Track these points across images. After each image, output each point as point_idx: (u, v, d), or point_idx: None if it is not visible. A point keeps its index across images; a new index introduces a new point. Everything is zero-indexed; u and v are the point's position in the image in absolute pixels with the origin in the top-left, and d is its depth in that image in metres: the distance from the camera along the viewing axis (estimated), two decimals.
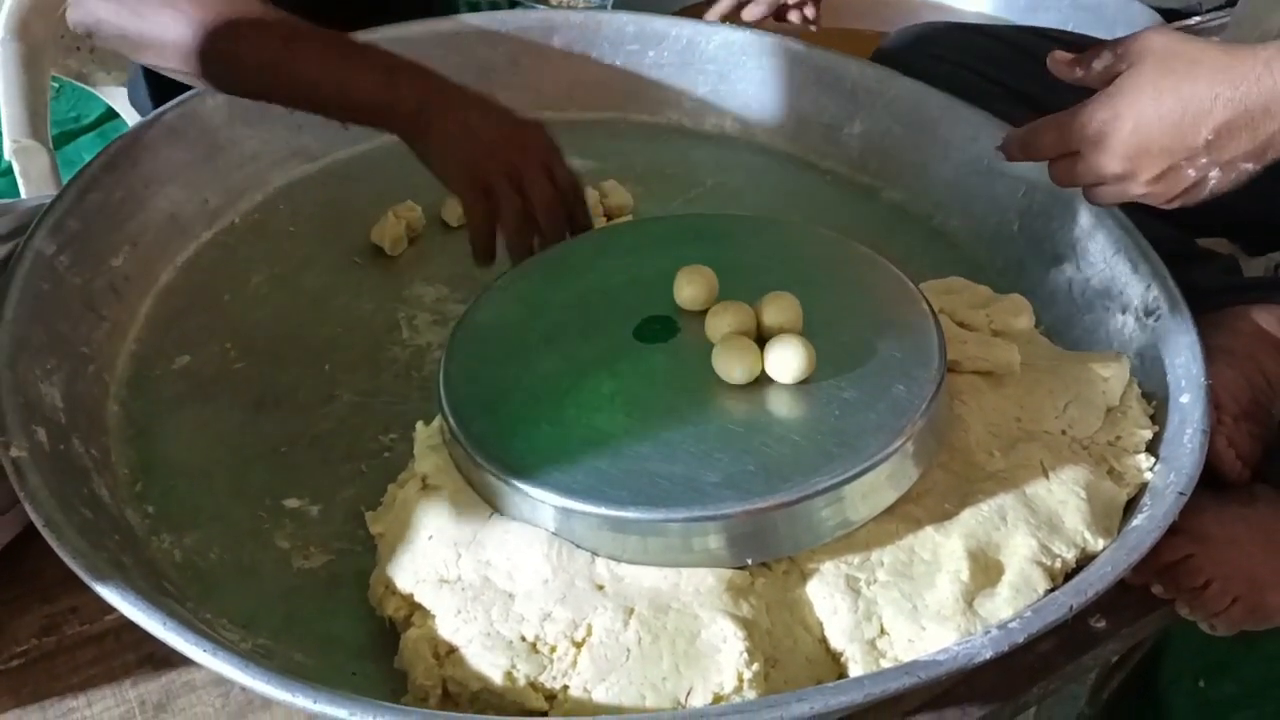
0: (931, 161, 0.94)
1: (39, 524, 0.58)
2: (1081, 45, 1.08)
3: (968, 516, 0.60)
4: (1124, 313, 0.77)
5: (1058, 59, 0.70)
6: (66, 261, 0.75)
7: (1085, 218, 0.83)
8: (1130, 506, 0.64)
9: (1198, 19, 1.36)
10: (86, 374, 0.73)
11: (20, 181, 1.35)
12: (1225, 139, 0.61)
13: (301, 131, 0.94)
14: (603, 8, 1.86)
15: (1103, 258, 0.81)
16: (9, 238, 0.75)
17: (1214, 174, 0.63)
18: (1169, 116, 0.62)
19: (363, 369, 0.78)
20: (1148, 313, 0.75)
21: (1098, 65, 0.67)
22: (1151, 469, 0.66)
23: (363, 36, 0.97)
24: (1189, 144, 0.62)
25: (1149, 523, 0.61)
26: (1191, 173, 0.63)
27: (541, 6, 2.40)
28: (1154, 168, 0.63)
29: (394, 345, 0.81)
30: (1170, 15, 1.45)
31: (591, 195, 0.91)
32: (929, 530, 0.60)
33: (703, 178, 0.98)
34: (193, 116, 0.88)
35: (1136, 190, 0.65)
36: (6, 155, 1.37)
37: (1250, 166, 0.62)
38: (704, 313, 0.66)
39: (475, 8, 2.47)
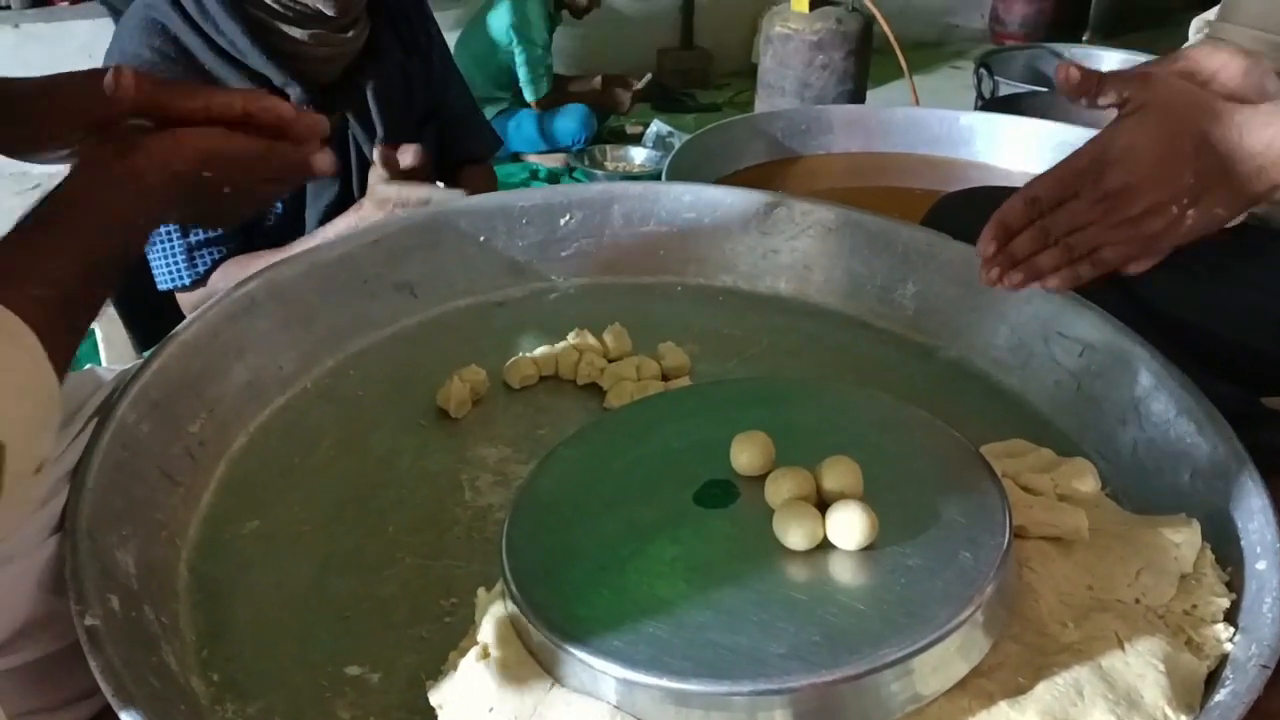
0: (987, 322, 0.95)
1: (108, 693, 0.58)
2: None
3: (1042, 691, 0.58)
4: (1191, 475, 0.76)
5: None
6: (146, 429, 0.78)
7: (1145, 378, 0.82)
8: (1211, 679, 0.62)
9: None
10: (159, 539, 0.75)
11: (102, 348, 1.42)
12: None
13: (374, 299, 0.98)
14: (657, 175, 1.93)
15: (1166, 418, 0.80)
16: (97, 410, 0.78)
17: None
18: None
19: (426, 531, 0.79)
20: (1216, 475, 0.74)
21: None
22: (1231, 639, 0.63)
23: (448, 208, 1.02)
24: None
25: (1232, 699, 0.58)
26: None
27: (600, 174, 2.52)
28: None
29: (457, 506, 0.82)
30: None
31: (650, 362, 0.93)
32: (1003, 706, 0.58)
33: (759, 338, 1.00)
34: (272, 287, 0.93)
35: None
36: None
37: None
38: (764, 477, 0.67)
39: (535, 176, 2.59)
